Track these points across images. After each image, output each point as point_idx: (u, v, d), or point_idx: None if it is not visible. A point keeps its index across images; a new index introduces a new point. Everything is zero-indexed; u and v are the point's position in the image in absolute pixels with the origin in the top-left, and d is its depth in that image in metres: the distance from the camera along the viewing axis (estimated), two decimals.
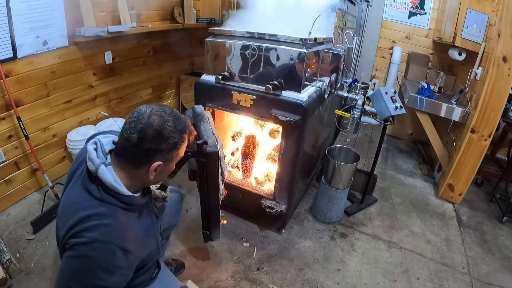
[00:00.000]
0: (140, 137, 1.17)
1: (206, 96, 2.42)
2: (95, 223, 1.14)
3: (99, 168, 1.18)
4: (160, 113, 1.21)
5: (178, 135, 1.24)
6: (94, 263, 1.14)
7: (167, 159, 1.27)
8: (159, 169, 1.26)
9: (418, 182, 3.72)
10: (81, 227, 1.13)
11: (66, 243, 1.16)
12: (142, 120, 1.18)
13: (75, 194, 1.23)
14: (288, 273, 2.39)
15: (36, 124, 2.88)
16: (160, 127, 1.19)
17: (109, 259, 1.16)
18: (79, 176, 1.26)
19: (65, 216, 1.19)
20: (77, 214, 1.15)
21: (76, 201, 1.21)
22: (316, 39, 2.21)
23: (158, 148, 1.20)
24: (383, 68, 4.59)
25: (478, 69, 3.05)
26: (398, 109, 2.54)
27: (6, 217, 2.72)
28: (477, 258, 2.67)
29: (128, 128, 1.17)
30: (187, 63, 4.73)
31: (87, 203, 1.18)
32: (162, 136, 1.20)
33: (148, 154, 1.21)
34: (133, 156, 1.21)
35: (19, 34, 2.53)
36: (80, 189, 1.22)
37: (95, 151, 1.22)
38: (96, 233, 1.13)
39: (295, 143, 2.27)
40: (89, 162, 1.20)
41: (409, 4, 4.18)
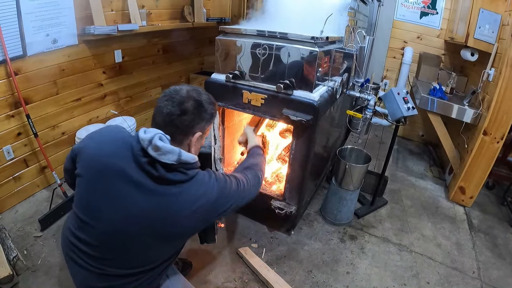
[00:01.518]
0: (182, 109, 1.26)
1: (216, 95, 2.35)
2: (207, 188, 1.33)
3: (182, 153, 1.24)
4: (194, 88, 1.34)
5: (213, 106, 1.38)
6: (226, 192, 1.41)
7: (204, 131, 1.38)
8: (197, 142, 1.37)
9: (429, 184, 3.67)
10: (204, 206, 1.31)
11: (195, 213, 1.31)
12: (181, 93, 1.28)
13: (164, 196, 1.26)
14: (297, 275, 2.37)
15: (45, 122, 2.89)
16: (199, 98, 1.31)
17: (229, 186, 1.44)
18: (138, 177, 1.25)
19: (174, 211, 1.27)
20: (188, 206, 1.28)
21: (177, 200, 1.27)
22: (328, 38, 2.17)
23: (200, 118, 1.31)
24: (394, 69, 4.53)
25: (490, 70, 3.01)
26: (410, 110, 2.51)
27: (14, 214, 2.73)
28: (487, 263, 2.63)
29: (167, 104, 1.26)
30: (196, 62, 4.72)
31: (190, 191, 1.29)
32: (203, 106, 1.31)
33: (191, 125, 1.30)
34: (177, 130, 1.29)
35: (28, 32, 2.54)
36: (161, 188, 1.25)
37: (162, 142, 1.23)
38: (214, 191, 1.34)
39: (306, 143, 2.24)
40: (167, 156, 1.22)
41: (420, 4, 4.13)
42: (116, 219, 1.26)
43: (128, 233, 1.27)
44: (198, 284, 2.17)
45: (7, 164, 2.68)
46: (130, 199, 1.24)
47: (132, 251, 1.31)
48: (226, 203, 1.40)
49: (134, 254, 1.32)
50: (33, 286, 2.13)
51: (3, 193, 2.71)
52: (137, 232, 1.27)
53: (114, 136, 1.36)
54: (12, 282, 2.08)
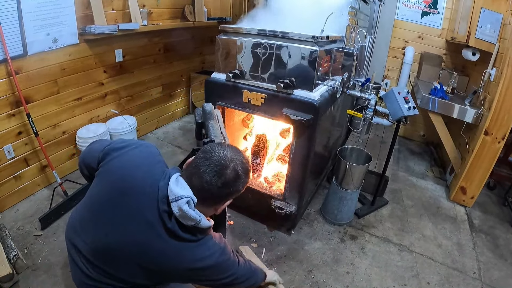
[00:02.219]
0: (223, 182, 1.24)
1: (217, 94, 2.40)
2: (211, 255, 1.34)
3: (201, 222, 1.25)
4: (241, 160, 1.31)
5: (247, 177, 1.35)
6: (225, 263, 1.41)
7: (232, 200, 1.39)
8: (225, 205, 1.40)
9: (430, 184, 3.66)
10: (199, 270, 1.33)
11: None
12: (226, 165, 1.25)
13: (163, 243, 1.27)
14: (296, 275, 2.36)
15: (46, 121, 2.89)
16: (238, 171, 1.28)
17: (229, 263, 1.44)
18: (157, 221, 1.26)
19: (169, 262, 1.29)
20: (186, 263, 1.30)
21: (176, 255, 1.28)
22: (328, 37, 2.17)
23: (236, 190, 1.31)
24: (395, 68, 4.52)
25: (492, 69, 2.99)
26: (411, 109, 2.50)
27: (15, 213, 2.73)
28: (488, 263, 2.62)
29: (209, 172, 1.24)
30: (197, 62, 4.73)
31: (189, 247, 1.30)
32: (240, 178, 1.29)
33: (226, 196, 1.32)
34: (212, 198, 1.30)
35: (29, 31, 2.54)
36: (167, 238, 1.26)
37: (191, 209, 1.23)
38: (212, 260, 1.34)
39: (306, 142, 2.23)
40: (186, 220, 1.23)
41: (422, 3, 4.11)
42: (113, 237, 1.29)
43: (119, 255, 1.30)
44: None
45: (7, 163, 2.68)
46: (135, 230, 1.27)
47: (121, 270, 1.33)
48: (219, 275, 1.42)
49: (123, 274, 1.34)
50: (33, 284, 2.13)
51: (3, 192, 2.71)
52: (127, 257, 1.30)
53: (150, 163, 1.39)
54: (12, 281, 2.08)
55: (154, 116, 4.30)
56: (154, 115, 4.30)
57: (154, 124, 4.37)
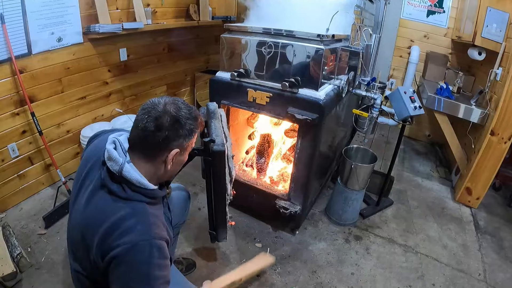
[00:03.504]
0: (157, 124, 1.17)
1: (221, 93, 2.39)
2: (129, 224, 1.13)
3: (124, 167, 1.17)
4: (174, 101, 1.24)
5: (193, 121, 1.26)
6: (147, 263, 1.12)
7: (183, 147, 1.27)
8: (175, 159, 1.27)
9: (435, 185, 3.63)
10: (116, 234, 1.10)
11: (105, 257, 1.10)
12: (157, 108, 1.19)
13: (99, 200, 1.19)
14: (301, 275, 2.35)
15: (50, 120, 2.90)
16: (177, 113, 1.20)
17: (158, 254, 1.14)
18: (96, 180, 1.23)
19: (93, 226, 1.15)
20: (107, 220, 1.13)
21: (102, 208, 1.17)
22: (334, 36, 2.16)
23: (176, 135, 1.21)
24: (400, 68, 4.50)
25: (498, 69, 2.97)
26: (417, 109, 2.47)
27: (19, 212, 2.73)
28: (494, 265, 2.59)
29: (143, 118, 1.17)
30: (202, 61, 4.72)
31: (114, 205, 1.16)
32: (179, 122, 1.21)
33: (166, 142, 1.20)
34: (150, 146, 1.21)
35: (33, 30, 2.55)
36: (102, 193, 1.19)
37: (115, 150, 1.19)
38: (134, 234, 1.11)
39: (311, 142, 2.22)
40: (111, 162, 1.17)
41: (427, 3, 4.09)
42: (71, 220, 1.29)
43: (75, 236, 1.25)
44: (201, 284, 2.16)
45: (12, 162, 2.69)
46: (80, 200, 1.24)
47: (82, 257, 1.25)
48: (131, 273, 1.12)
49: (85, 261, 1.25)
50: (37, 283, 2.13)
51: (7, 191, 2.72)
52: (78, 236, 1.22)
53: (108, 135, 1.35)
54: (16, 279, 2.08)
55: None
56: None
57: None
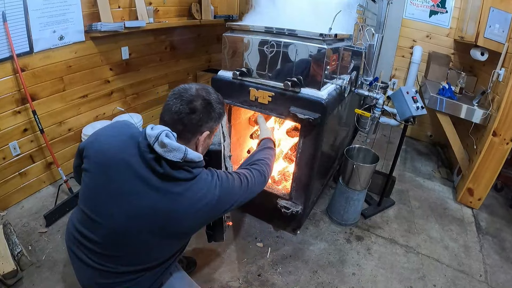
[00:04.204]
0: (191, 107, 1.25)
1: (223, 92, 2.32)
2: (211, 187, 1.31)
3: (187, 151, 1.22)
4: (203, 86, 1.33)
5: (222, 106, 1.37)
6: (232, 193, 1.41)
7: (212, 130, 1.37)
8: (205, 141, 1.36)
9: (437, 185, 3.62)
10: (204, 203, 1.28)
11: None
12: (189, 92, 1.27)
13: (170, 191, 1.24)
14: (302, 275, 2.34)
15: (52, 118, 2.90)
16: (208, 97, 1.30)
17: (230, 179, 1.41)
18: (147, 175, 1.23)
19: (178, 213, 1.25)
20: (193, 204, 1.26)
21: (177, 197, 1.24)
22: (336, 35, 2.15)
23: (208, 117, 1.30)
24: (403, 68, 4.50)
25: (501, 70, 2.96)
26: (420, 109, 2.46)
27: (20, 210, 2.73)
28: (495, 266, 2.58)
29: (176, 102, 1.25)
30: (204, 60, 4.71)
31: (190, 191, 1.26)
32: (211, 105, 1.30)
33: (199, 124, 1.29)
34: (185, 128, 1.27)
35: (35, 28, 2.55)
36: (170, 185, 1.24)
37: (172, 140, 1.21)
38: (213, 192, 1.31)
39: (313, 142, 2.21)
40: (173, 153, 1.19)
41: (430, 3, 4.08)
42: (119, 215, 1.25)
43: (130, 229, 1.25)
44: (202, 283, 2.16)
45: (13, 160, 2.69)
46: (134, 195, 1.23)
47: (134, 248, 1.30)
48: (228, 202, 1.39)
49: (136, 252, 1.31)
50: (37, 281, 2.13)
51: (9, 189, 2.72)
52: (138, 228, 1.25)
53: (121, 131, 1.35)
54: (16, 278, 2.08)
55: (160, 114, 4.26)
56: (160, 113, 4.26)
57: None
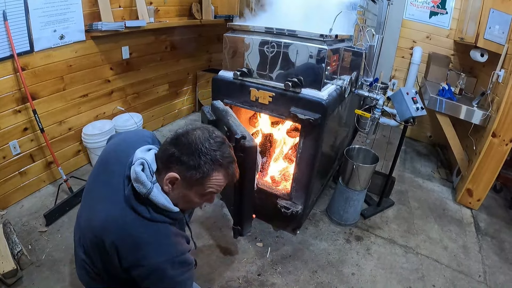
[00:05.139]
0: (173, 138, 1.16)
1: (224, 93, 2.39)
2: (153, 248, 1.13)
3: (151, 192, 1.13)
4: (207, 131, 1.18)
5: (209, 160, 1.14)
6: (173, 282, 1.17)
7: (186, 178, 1.15)
8: (176, 187, 1.18)
9: (436, 186, 3.63)
10: (140, 255, 1.12)
11: (129, 271, 1.15)
12: (188, 127, 1.18)
13: (121, 213, 1.15)
14: (301, 275, 2.35)
15: (52, 117, 2.90)
16: (195, 140, 1.13)
17: (181, 268, 1.18)
18: (117, 191, 1.18)
19: (113, 235, 1.13)
20: (130, 237, 1.13)
21: (124, 222, 1.14)
22: (337, 36, 2.15)
23: (179, 157, 1.13)
24: (402, 69, 4.50)
25: (500, 71, 2.96)
26: (419, 110, 2.47)
27: (20, 209, 2.73)
28: (494, 267, 2.59)
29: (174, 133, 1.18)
30: (204, 60, 4.72)
31: (138, 224, 1.13)
32: (191, 149, 1.12)
33: (170, 159, 1.14)
34: (160, 159, 1.19)
35: (36, 27, 2.55)
36: (125, 208, 1.14)
37: (143, 173, 1.14)
38: (157, 257, 1.12)
39: (313, 142, 2.21)
40: (138, 185, 1.13)
41: (430, 3, 4.08)
42: (84, 218, 1.27)
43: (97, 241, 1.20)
44: (202, 283, 2.16)
45: (13, 159, 2.69)
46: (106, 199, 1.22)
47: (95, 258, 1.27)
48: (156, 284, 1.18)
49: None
50: (37, 281, 2.13)
51: (9, 188, 2.72)
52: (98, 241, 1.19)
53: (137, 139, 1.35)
54: (16, 277, 2.08)
55: (160, 113, 4.30)
56: (160, 113, 4.29)
57: (160, 122, 4.36)
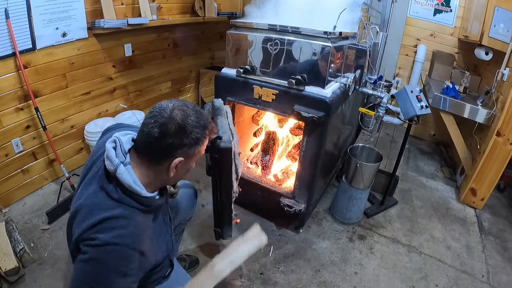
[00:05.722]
0: (161, 131, 1.13)
1: (227, 90, 2.38)
2: (110, 225, 1.11)
3: (117, 169, 1.15)
4: (183, 107, 1.18)
5: (200, 130, 1.21)
6: (107, 266, 1.10)
7: (189, 156, 1.22)
8: (180, 166, 1.23)
9: (440, 185, 3.61)
10: (95, 229, 1.10)
11: (79, 245, 1.13)
12: (164, 114, 1.14)
13: (91, 194, 1.18)
14: (304, 274, 2.34)
15: (54, 115, 2.89)
16: (183, 121, 1.15)
17: (122, 262, 1.13)
18: (95, 174, 1.22)
19: (80, 217, 1.15)
20: (93, 215, 1.12)
21: (92, 202, 1.16)
22: (341, 33, 2.13)
23: (180, 143, 1.17)
24: (406, 67, 4.47)
25: (505, 69, 2.93)
26: (424, 108, 2.45)
27: (22, 207, 2.73)
28: (497, 267, 2.57)
29: (149, 123, 1.14)
30: (207, 57, 4.71)
31: (104, 203, 1.14)
32: (185, 130, 1.16)
33: (169, 150, 1.17)
34: (154, 152, 1.18)
35: (38, 25, 2.55)
36: (96, 188, 1.18)
37: (114, 150, 1.18)
38: (110, 235, 1.09)
39: (317, 140, 2.20)
40: (108, 161, 1.16)
41: (434, 1, 4.06)
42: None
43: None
44: None
45: (15, 157, 2.69)
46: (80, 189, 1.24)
47: None
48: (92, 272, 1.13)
49: None
50: (39, 278, 2.13)
51: (11, 186, 2.72)
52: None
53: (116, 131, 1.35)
54: (18, 274, 2.08)
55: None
56: None
57: None
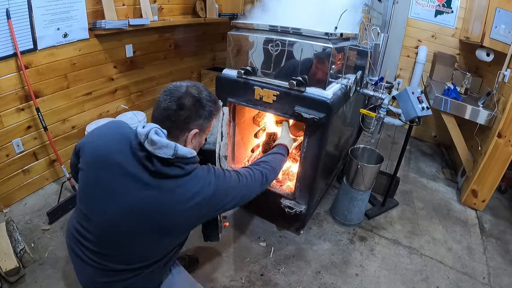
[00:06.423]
0: (179, 104, 1.25)
1: (228, 91, 2.37)
2: (202, 189, 1.29)
3: (178, 147, 1.21)
4: (195, 85, 1.33)
5: (213, 104, 1.36)
6: (227, 188, 1.39)
7: (203, 128, 1.36)
8: (194, 139, 1.35)
9: (441, 186, 3.60)
10: (199, 198, 1.27)
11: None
12: (180, 89, 1.28)
13: (163, 189, 1.24)
14: (305, 275, 2.34)
15: (55, 115, 2.90)
16: (198, 95, 1.30)
17: (223, 176, 1.40)
18: (136, 172, 1.24)
19: (170, 210, 1.25)
20: (189, 200, 1.25)
21: (172, 195, 1.24)
22: (342, 34, 2.13)
23: (197, 115, 1.30)
24: (407, 68, 4.47)
25: (506, 71, 2.93)
26: (425, 110, 2.44)
27: (23, 207, 2.74)
28: (498, 269, 2.56)
29: (165, 99, 1.26)
30: (208, 58, 4.71)
31: (183, 187, 1.25)
32: (201, 103, 1.30)
33: (187, 121, 1.28)
34: (173, 125, 1.27)
35: (39, 26, 2.55)
36: (162, 182, 1.24)
37: (162, 138, 1.21)
38: (209, 189, 1.30)
39: (318, 141, 2.20)
40: (164, 150, 1.19)
41: (435, 2, 4.06)
42: (110, 213, 1.26)
43: (121, 227, 1.26)
44: (204, 282, 2.15)
45: (16, 157, 2.69)
46: (125, 192, 1.23)
47: (128, 246, 1.30)
48: (223, 200, 1.38)
49: (131, 249, 1.31)
50: (40, 279, 2.13)
51: (12, 186, 2.72)
52: (130, 226, 1.26)
53: (114, 131, 1.37)
54: (19, 275, 2.08)
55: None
56: None
57: None
